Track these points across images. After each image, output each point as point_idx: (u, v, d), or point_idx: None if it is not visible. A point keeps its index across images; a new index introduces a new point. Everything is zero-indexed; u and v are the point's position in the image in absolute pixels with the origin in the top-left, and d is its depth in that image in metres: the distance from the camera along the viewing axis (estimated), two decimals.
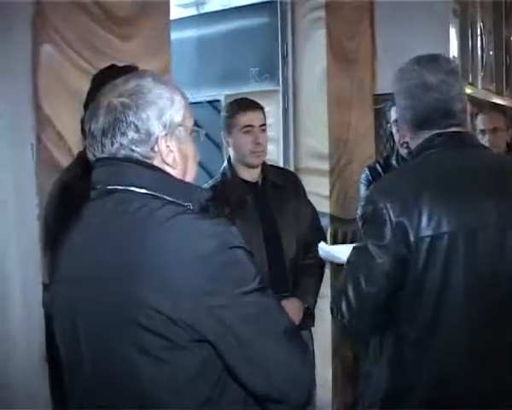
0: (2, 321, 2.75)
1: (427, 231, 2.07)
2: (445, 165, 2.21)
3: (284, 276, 3.54)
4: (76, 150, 2.96)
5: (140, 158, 1.75)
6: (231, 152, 3.64)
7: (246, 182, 3.61)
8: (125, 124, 1.73)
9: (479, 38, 6.24)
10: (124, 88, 1.77)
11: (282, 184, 3.66)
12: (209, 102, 5.31)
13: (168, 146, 1.77)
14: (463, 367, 2.12)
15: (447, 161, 2.22)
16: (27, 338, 2.84)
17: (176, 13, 5.16)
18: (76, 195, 2.55)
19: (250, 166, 3.60)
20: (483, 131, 4.67)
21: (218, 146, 3.67)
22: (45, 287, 2.76)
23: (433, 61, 2.32)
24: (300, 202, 3.72)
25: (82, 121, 2.77)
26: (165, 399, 1.64)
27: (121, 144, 1.73)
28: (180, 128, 1.81)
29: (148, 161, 1.76)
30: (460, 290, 2.08)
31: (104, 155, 1.76)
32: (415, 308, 2.12)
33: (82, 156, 2.77)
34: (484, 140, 4.65)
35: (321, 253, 3.18)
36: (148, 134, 1.74)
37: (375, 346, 2.27)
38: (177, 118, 1.80)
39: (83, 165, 2.69)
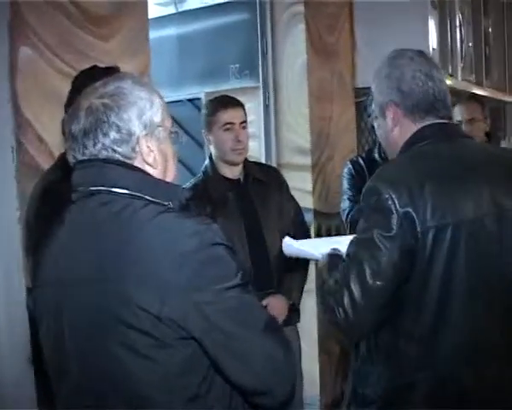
0: None
1: (432, 221, 2.04)
2: (441, 156, 2.18)
3: (269, 272, 3.53)
4: (57, 153, 2.95)
5: (121, 158, 1.77)
6: (212, 150, 3.63)
7: (227, 179, 3.60)
8: (106, 124, 1.75)
9: (458, 30, 6.26)
10: (104, 90, 1.79)
11: (264, 180, 3.66)
12: (189, 100, 5.29)
13: (148, 146, 1.80)
14: (467, 362, 2.10)
15: (443, 152, 2.19)
16: (12, 342, 2.83)
17: (154, 11, 5.16)
18: (57, 197, 2.55)
19: (231, 164, 3.59)
20: (460, 122, 4.66)
21: (200, 144, 3.67)
22: (29, 290, 2.76)
23: (423, 54, 2.30)
24: (283, 198, 3.72)
25: (63, 123, 2.76)
26: (153, 396, 1.67)
27: (103, 145, 1.75)
28: (159, 129, 1.84)
29: (128, 161, 1.78)
30: (463, 282, 2.06)
31: (85, 157, 1.78)
32: (420, 302, 2.08)
33: (63, 159, 2.77)
34: None
35: (287, 250, 2.96)
36: (130, 134, 1.77)
37: (370, 343, 2.22)
38: (157, 119, 1.83)
39: (64, 167, 2.68)
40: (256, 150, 4.97)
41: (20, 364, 2.80)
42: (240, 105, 3.63)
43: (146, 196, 1.75)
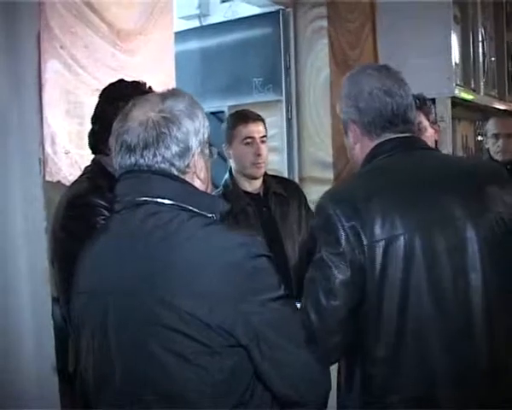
0: (13, 334, 2.77)
1: (381, 234, 1.96)
2: (396, 169, 2.12)
3: (289, 285, 3.53)
4: (83, 165, 2.99)
5: (175, 172, 1.82)
6: (232, 164, 3.65)
7: (247, 193, 3.62)
8: (168, 138, 1.80)
9: (480, 44, 6.27)
10: (163, 105, 1.84)
11: (283, 194, 3.67)
12: (213, 113, 5.32)
13: (200, 162, 1.87)
14: (435, 381, 1.98)
15: (401, 163, 2.14)
16: (37, 349, 2.86)
17: (179, 25, 5.20)
18: (84, 208, 2.61)
19: (251, 178, 3.61)
20: (496, 136, 4.63)
21: (223, 157, 3.69)
22: (54, 300, 2.79)
23: (385, 68, 2.24)
24: (302, 211, 3.72)
25: (89, 136, 2.81)
26: (198, 403, 1.70)
27: (163, 157, 1.80)
28: (207, 145, 1.91)
29: (181, 175, 1.83)
30: (423, 294, 1.96)
31: (135, 168, 1.82)
32: (378, 320, 1.98)
33: (89, 170, 2.81)
34: (497, 144, 4.62)
35: None
36: (188, 149, 1.83)
37: (344, 372, 2.13)
38: (206, 135, 1.90)
39: (90, 179, 2.73)
40: (278, 164, 5.02)
41: (46, 371, 2.84)
42: (260, 119, 3.64)
43: (191, 208, 1.80)
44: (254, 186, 3.63)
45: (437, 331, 1.98)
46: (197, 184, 1.87)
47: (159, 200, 1.79)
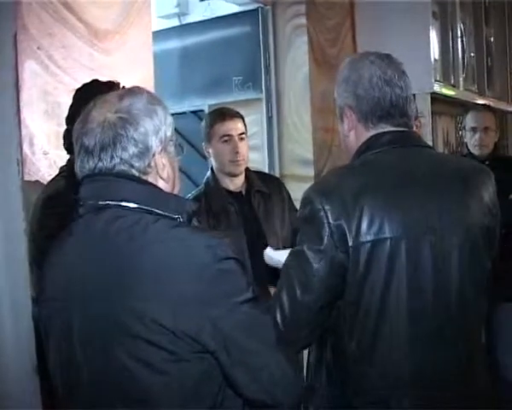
0: None
1: (367, 235, 1.93)
2: (389, 166, 2.07)
3: (272, 284, 3.53)
4: (60, 165, 2.99)
5: (137, 174, 1.77)
6: (212, 162, 3.64)
7: (229, 192, 3.60)
8: (125, 139, 1.74)
9: (459, 40, 6.29)
10: (120, 105, 1.78)
11: (266, 191, 3.66)
12: (193, 112, 5.34)
13: (162, 161, 1.82)
14: (406, 381, 1.98)
15: (393, 161, 2.09)
16: (18, 351, 2.85)
17: (158, 24, 5.21)
18: (59, 208, 2.61)
19: (231, 175, 3.59)
20: (474, 129, 4.63)
21: (204, 156, 3.69)
22: (34, 300, 2.79)
23: (388, 57, 2.19)
24: (285, 208, 3.71)
25: (64, 136, 2.80)
26: (170, 409, 1.67)
27: (121, 159, 1.75)
28: (170, 143, 1.86)
29: (143, 176, 1.78)
30: (403, 298, 1.95)
31: (95, 171, 1.77)
32: (355, 319, 1.98)
33: (64, 170, 2.81)
34: (474, 138, 4.62)
35: (266, 258, 3.01)
36: (147, 149, 1.77)
37: (316, 358, 2.15)
38: (169, 133, 1.84)
39: (66, 178, 2.73)
40: (259, 162, 5.01)
41: (26, 372, 2.83)
42: (238, 116, 3.63)
43: (156, 210, 1.75)
44: (236, 184, 3.62)
45: (411, 336, 1.97)
46: (161, 184, 1.82)
47: (122, 203, 1.74)
